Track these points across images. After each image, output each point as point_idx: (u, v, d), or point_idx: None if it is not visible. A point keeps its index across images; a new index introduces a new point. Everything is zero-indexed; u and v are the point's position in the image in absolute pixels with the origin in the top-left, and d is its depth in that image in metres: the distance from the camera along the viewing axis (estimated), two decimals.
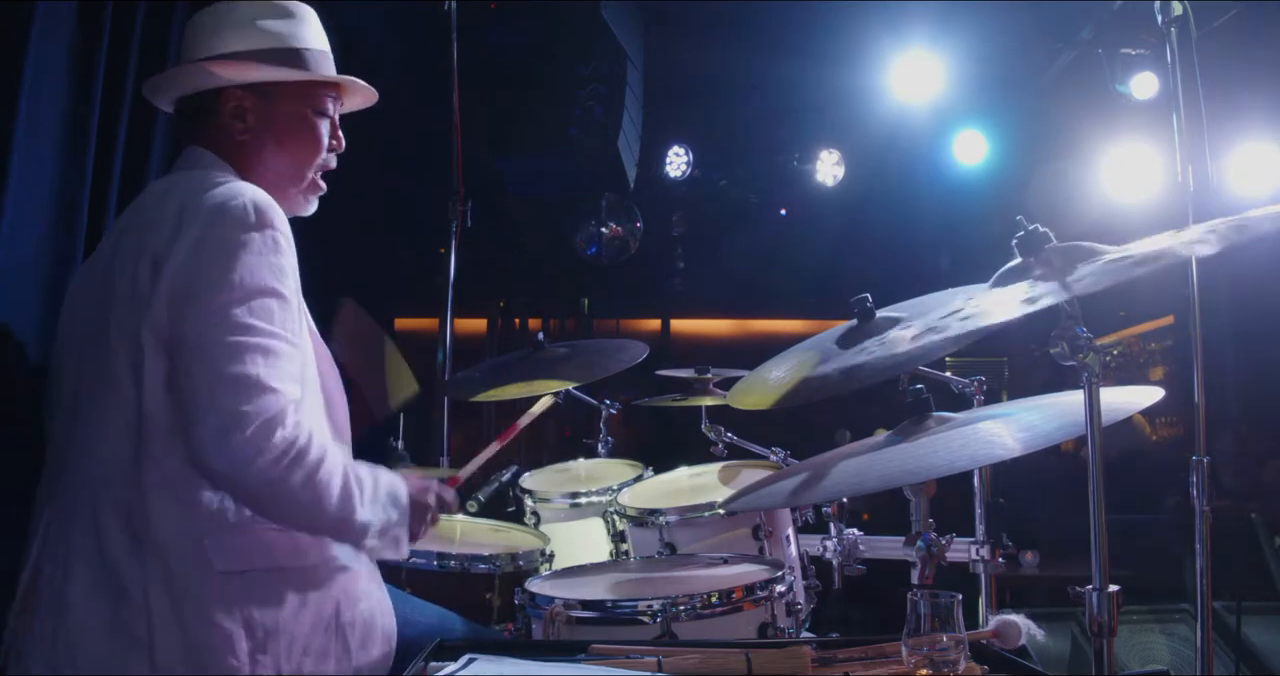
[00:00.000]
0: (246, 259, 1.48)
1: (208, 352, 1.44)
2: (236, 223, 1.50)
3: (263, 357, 1.45)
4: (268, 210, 1.54)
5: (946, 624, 1.26)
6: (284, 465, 1.43)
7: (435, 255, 3.24)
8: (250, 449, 1.40)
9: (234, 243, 1.49)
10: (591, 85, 4.60)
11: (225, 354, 1.43)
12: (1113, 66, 4.90)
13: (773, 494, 1.81)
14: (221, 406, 1.41)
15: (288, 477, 1.43)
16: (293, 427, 1.44)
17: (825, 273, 6.65)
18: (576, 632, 1.80)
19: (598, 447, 3.07)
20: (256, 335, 1.46)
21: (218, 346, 1.44)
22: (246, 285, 1.47)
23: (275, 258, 1.52)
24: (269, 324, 1.48)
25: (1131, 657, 3.46)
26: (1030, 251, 1.38)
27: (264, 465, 1.41)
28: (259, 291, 1.48)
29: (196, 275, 1.47)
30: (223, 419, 1.41)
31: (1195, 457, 2.06)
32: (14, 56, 2.07)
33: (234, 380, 1.42)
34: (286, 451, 1.43)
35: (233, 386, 1.42)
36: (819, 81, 5.34)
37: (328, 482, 1.47)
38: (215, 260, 1.48)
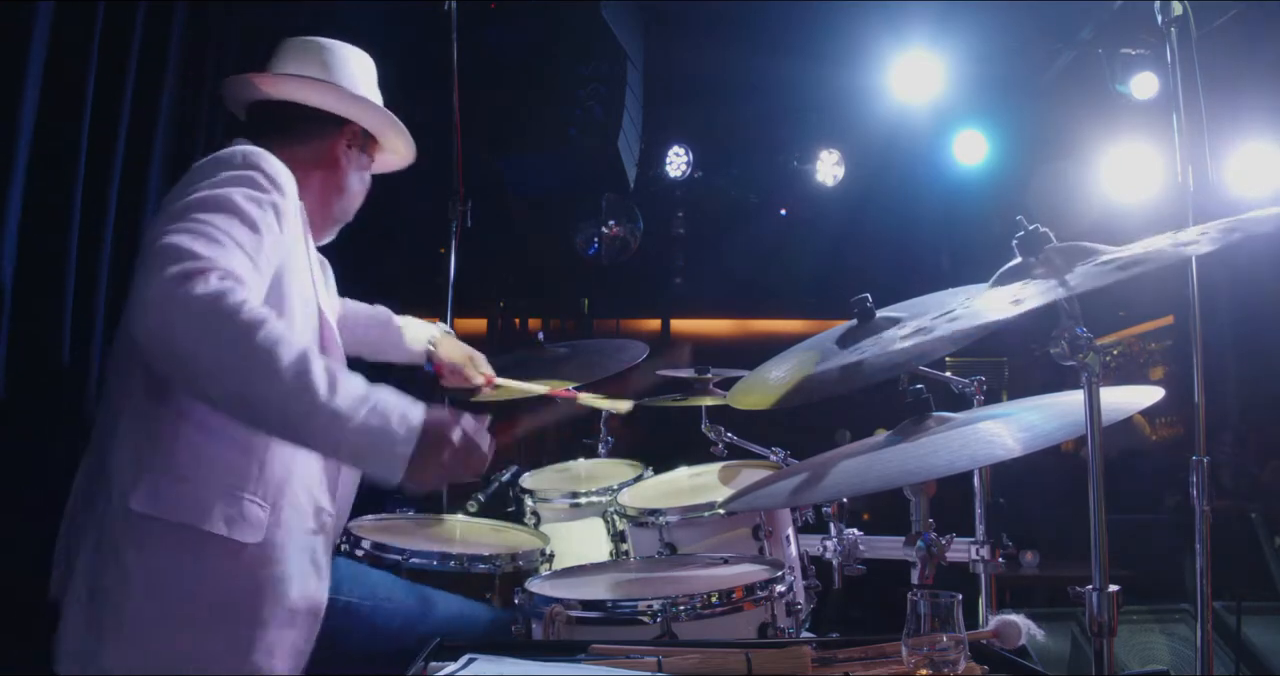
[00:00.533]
0: (217, 182, 1.48)
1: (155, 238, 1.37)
2: (223, 162, 1.54)
3: (203, 240, 1.36)
4: (258, 157, 1.56)
5: (946, 624, 1.26)
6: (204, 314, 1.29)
7: (435, 255, 3.24)
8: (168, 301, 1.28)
9: (212, 174, 1.51)
10: (591, 85, 4.60)
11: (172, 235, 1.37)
12: (1113, 66, 4.91)
13: (773, 494, 1.81)
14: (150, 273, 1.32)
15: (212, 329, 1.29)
16: (217, 286, 1.31)
17: (825, 273, 6.65)
18: (576, 632, 1.79)
19: (598, 447, 3.07)
20: (208, 229, 1.39)
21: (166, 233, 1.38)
22: (203, 196, 1.45)
23: (249, 189, 1.49)
24: (221, 224, 1.41)
25: (1131, 657, 3.46)
26: (1030, 251, 1.38)
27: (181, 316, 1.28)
28: (214, 201, 1.44)
29: (173, 196, 1.50)
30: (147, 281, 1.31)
31: (1195, 457, 2.06)
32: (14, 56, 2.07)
33: (165, 249, 1.34)
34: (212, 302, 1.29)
35: (164, 256, 1.33)
36: (819, 81, 5.34)
37: (270, 347, 1.30)
38: (190, 182, 1.51)
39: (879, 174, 6.24)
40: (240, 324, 1.30)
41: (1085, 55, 5.14)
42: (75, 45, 2.25)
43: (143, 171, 2.55)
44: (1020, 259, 1.39)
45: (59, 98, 2.20)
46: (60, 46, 2.19)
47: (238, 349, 1.29)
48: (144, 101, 2.52)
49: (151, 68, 2.56)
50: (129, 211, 2.47)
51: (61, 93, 2.21)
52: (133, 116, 2.48)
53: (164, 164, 2.64)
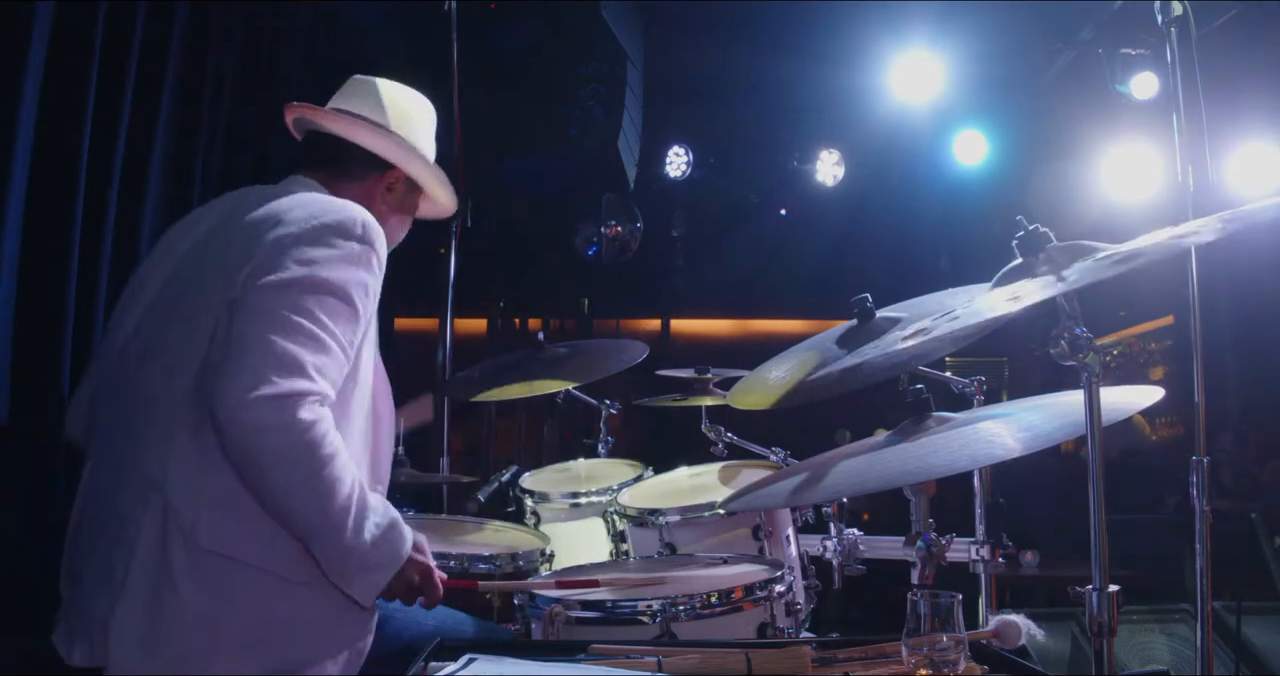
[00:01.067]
0: (337, 259, 1.54)
1: (264, 318, 1.46)
2: (344, 228, 1.58)
3: (314, 345, 1.46)
4: (376, 233, 1.63)
5: (946, 624, 1.26)
6: (295, 443, 1.40)
7: (435, 255, 3.24)
8: (269, 414, 1.39)
9: (332, 242, 1.55)
10: (591, 85, 4.60)
11: (280, 326, 1.45)
12: (1113, 66, 4.91)
13: (773, 494, 1.81)
14: (257, 368, 1.41)
15: (296, 457, 1.41)
16: (315, 414, 1.43)
17: (825, 273, 6.65)
18: (576, 632, 1.79)
19: (598, 447, 3.07)
20: (316, 324, 1.48)
21: (276, 318, 1.46)
22: (326, 280, 1.52)
23: (364, 273, 1.58)
24: (332, 323, 1.50)
25: (1131, 657, 3.46)
26: (1031, 251, 1.38)
27: (277, 435, 1.39)
28: (335, 291, 1.52)
29: (287, 252, 1.52)
30: (253, 379, 1.40)
31: (1195, 457, 2.06)
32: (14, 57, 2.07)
33: (278, 351, 1.43)
34: (305, 431, 1.41)
35: (275, 356, 1.43)
36: (819, 81, 5.35)
37: (335, 481, 1.44)
38: (309, 247, 1.53)
39: (879, 174, 6.24)
40: (318, 458, 1.43)
41: (1085, 55, 5.14)
42: (76, 45, 2.25)
43: (143, 171, 2.55)
44: (1021, 259, 1.39)
45: (59, 98, 2.20)
46: (61, 47, 2.19)
47: (308, 481, 1.43)
48: (144, 101, 2.53)
49: (151, 68, 2.56)
50: (129, 211, 2.47)
51: (62, 93, 2.21)
52: (133, 116, 2.48)
53: (164, 164, 2.64)
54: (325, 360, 1.47)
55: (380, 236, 1.63)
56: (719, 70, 5.41)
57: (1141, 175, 5.35)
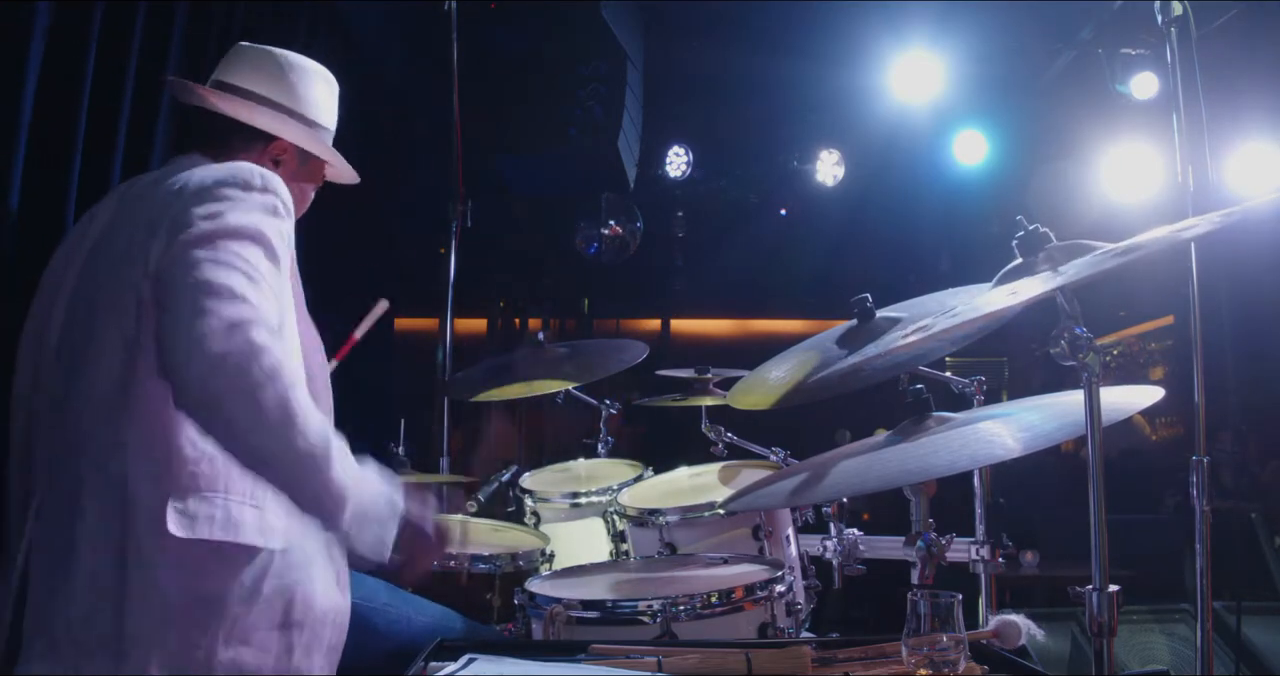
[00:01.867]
0: (243, 207, 1.50)
1: (188, 269, 1.41)
2: (242, 181, 1.53)
3: (243, 280, 1.42)
4: (275, 182, 1.58)
5: (946, 624, 1.26)
6: (254, 372, 1.34)
7: (435, 255, 3.24)
8: (219, 345, 1.33)
9: (235, 194, 1.51)
10: (591, 85, 4.61)
11: (207, 269, 1.41)
12: (1113, 66, 4.90)
13: (773, 494, 1.81)
14: (197, 306, 1.36)
15: (258, 388, 1.33)
16: (265, 340, 1.37)
17: (825, 273, 6.65)
18: (576, 632, 1.80)
19: (598, 447, 3.07)
20: (243, 263, 1.44)
21: (200, 265, 1.41)
22: (239, 226, 1.47)
23: (275, 220, 1.53)
24: (256, 264, 1.46)
25: (1131, 657, 3.46)
26: (1030, 251, 1.38)
27: (232, 368, 1.33)
28: (249, 234, 1.47)
29: (190, 212, 1.48)
30: (194, 317, 1.35)
31: (1195, 457, 2.06)
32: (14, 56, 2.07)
33: (212, 287, 1.39)
34: (257, 357, 1.34)
35: (210, 292, 1.38)
36: (819, 81, 5.35)
37: (304, 412, 1.37)
38: (214, 202, 1.49)
39: (879, 174, 6.24)
40: (283, 383, 1.35)
41: (1085, 55, 5.14)
42: (75, 45, 2.25)
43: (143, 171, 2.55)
44: (1021, 259, 1.39)
45: (58, 97, 2.20)
46: (60, 46, 2.19)
47: (279, 410, 1.35)
48: (144, 101, 2.52)
49: (151, 67, 2.56)
50: None
51: (61, 92, 2.21)
52: (132, 116, 2.48)
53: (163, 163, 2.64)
54: (258, 293, 1.42)
55: (278, 182, 1.58)
56: (719, 70, 5.41)
57: (1141, 175, 5.35)
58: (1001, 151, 5.98)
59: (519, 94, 4.66)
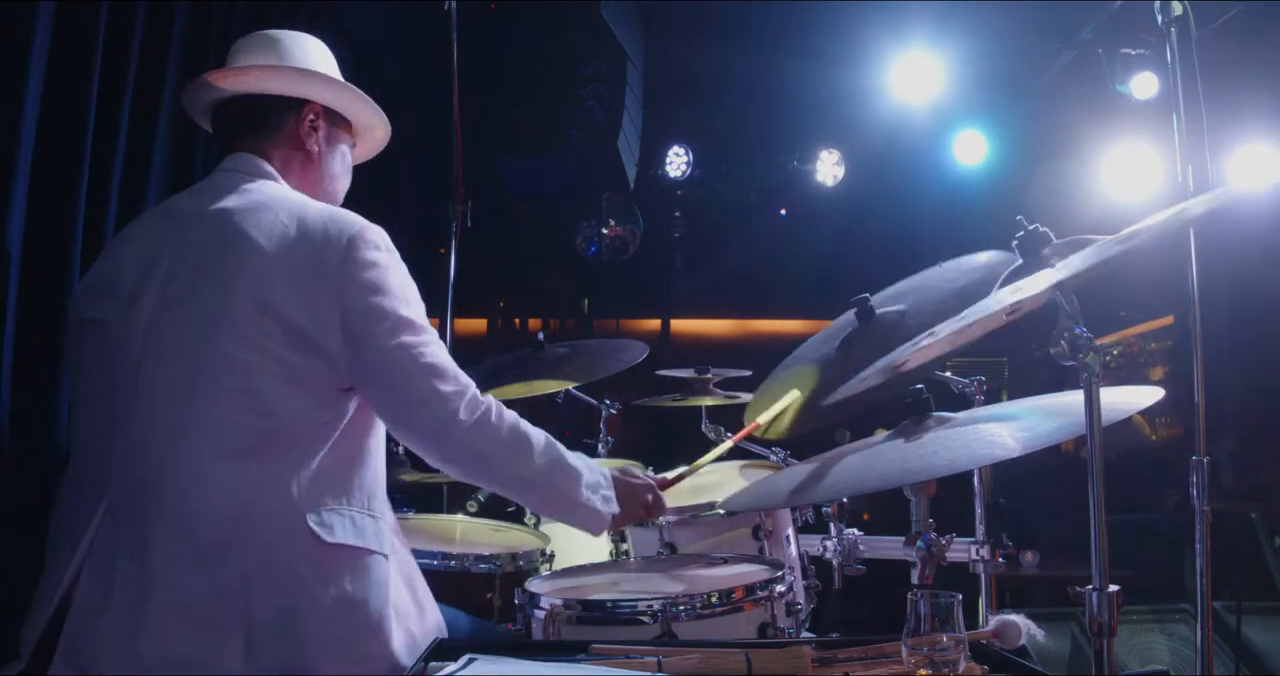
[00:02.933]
0: (398, 273, 1.67)
1: (410, 354, 1.60)
2: (376, 246, 1.66)
3: (438, 347, 1.65)
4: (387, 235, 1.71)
5: (946, 624, 1.26)
6: (493, 420, 1.63)
7: (435, 255, 3.24)
8: (466, 416, 1.60)
9: (383, 262, 1.65)
10: (591, 85, 4.61)
11: (414, 350, 1.61)
12: (1113, 66, 4.90)
13: (773, 494, 1.81)
14: (433, 394, 1.60)
15: (500, 429, 1.64)
16: (480, 394, 1.65)
17: (825, 273, 6.64)
18: (576, 632, 1.80)
19: (598, 447, 3.07)
20: (427, 333, 1.65)
21: (414, 347, 1.61)
22: (407, 295, 1.66)
23: (406, 274, 1.70)
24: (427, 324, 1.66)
25: (1131, 657, 3.46)
26: (1030, 251, 1.38)
27: (478, 427, 1.61)
28: (414, 300, 1.67)
29: (367, 297, 1.60)
30: (439, 404, 1.60)
31: (1195, 457, 2.06)
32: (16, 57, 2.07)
33: (430, 369, 1.61)
34: (490, 410, 1.63)
35: (432, 375, 1.60)
36: (819, 81, 5.34)
37: (529, 431, 1.68)
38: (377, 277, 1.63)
39: (879, 174, 6.23)
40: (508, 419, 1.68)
41: (1085, 55, 5.14)
42: (77, 45, 2.24)
43: (143, 171, 2.55)
44: (1023, 261, 1.39)
45: (61, 99, 2.20)
46: (62, 47, 2.19)
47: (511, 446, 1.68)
48: (144, 101, 2.52)
49: (152, 68, 2.55)
50: (129, 211, 2.47)
51: (63, 94, 2.21)
52: (133, 116, 2.48)
53: (164, 164, 2.64)
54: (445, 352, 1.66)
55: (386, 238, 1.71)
56: (719, 70, 5.41)
57: (1141, 175, 5.34)
58: (1001, 151, 5.98)
59: (519, 94, 4.66)
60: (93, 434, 1.60)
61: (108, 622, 1.46)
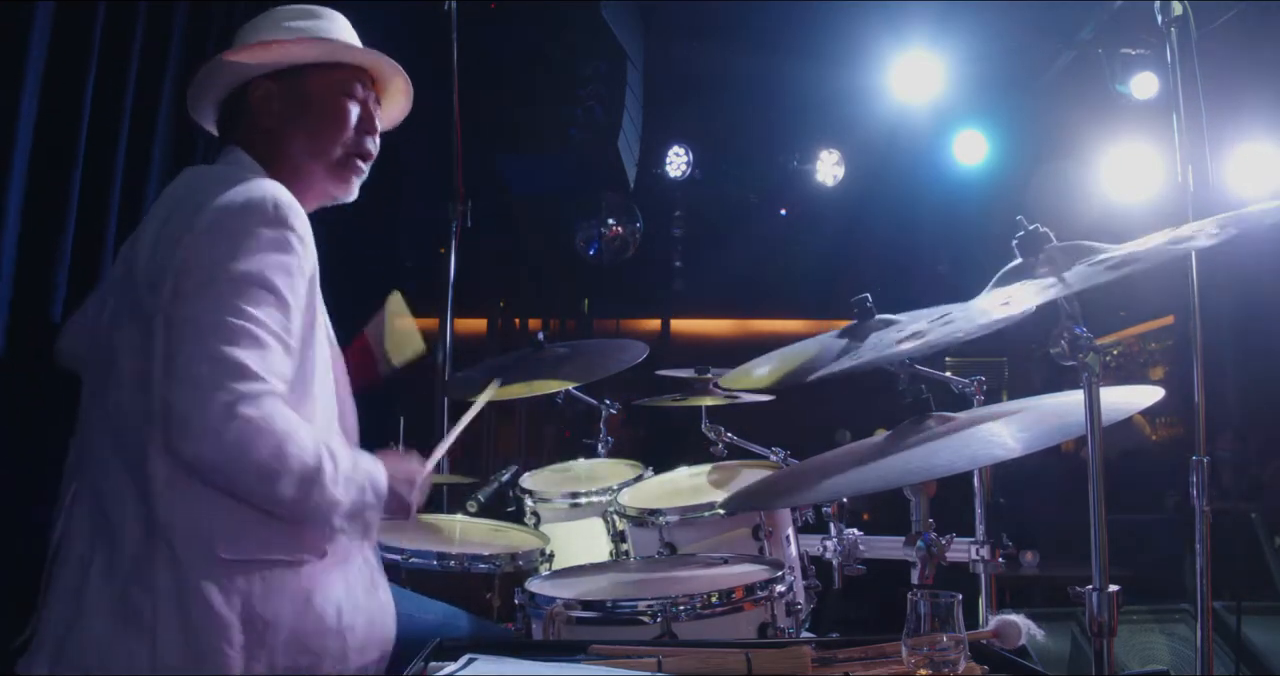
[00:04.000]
0: (254, 250, 1.48)
1: (200, 327, 1.43)
2: (254, 214, 1.51)
3: (252, 344, 1.44)
4: (288, 210, 1.54)
5: (946, 624, 1.26)
6: (249, 442, 1.39)
7: (435, 255, 3.23)
8: (219, 424, 1.38)
9: (245, 233, 1.49)
10: (591, 85, 4.61)
11: (217, 331, 1.42)
12: (1113, 66, 4.91)
13: (773, 494, 1.81)
14: (199, 381, 1.40)
15: (249, 452, 1.40)
16: (262, 410, 1.41)
17: (825, 273, 6.66)
18: (576, 632, 1.79)
19: (598, 447, 3.06)
20: (248, 321, 1.44)
21: (210, 323, 1.43)
22: (246, 273, 1.47)
23: (284, 257, 1.51)
24: (264, 316, 1.46)
25: (1131, 657, 3.46)
26: (1030, 252, 1.38)
27: (231, 441, 1.39)
28: (257, 282, 1.47)
29: (202, 255, 1.47)
30: (195, 394, 1.39)
31: (1195, 457, 2.06)
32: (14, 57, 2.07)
33: (221, 357, 1.41)
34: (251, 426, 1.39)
35: (219, 362, 1.40)
36: (819, 81, 5.35)
37: (291, 465, 1.44)
38: (224, 244, 1.48)
39: (879, 174, 6.24)
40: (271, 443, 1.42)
41: (1085, 55, 5.14)
42: (75, 46, 2.25)
43: (144, 171, 2.55)
44: (1020, 260, 1.39)
45: (59, 99, 2.20)
46: (60, 47, 2.19)
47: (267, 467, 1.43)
48: (144, 101, 2.52)
49: (151, 68, 2.56)
50: (130, 211, 2.47)
51: (62, 94, 2.21)
52: (133, 116, 2.48)
53: (164, 164, 2.64)
54: (267, 355, 1.45)
55: (294, 211, 1.55)
56: (719, 70, 5.41)
57: (1141, 175, 5.35)
58: (1001, 151, 5.99)
59: (519, 94, 4.66)
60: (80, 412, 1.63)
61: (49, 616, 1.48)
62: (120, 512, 1.48)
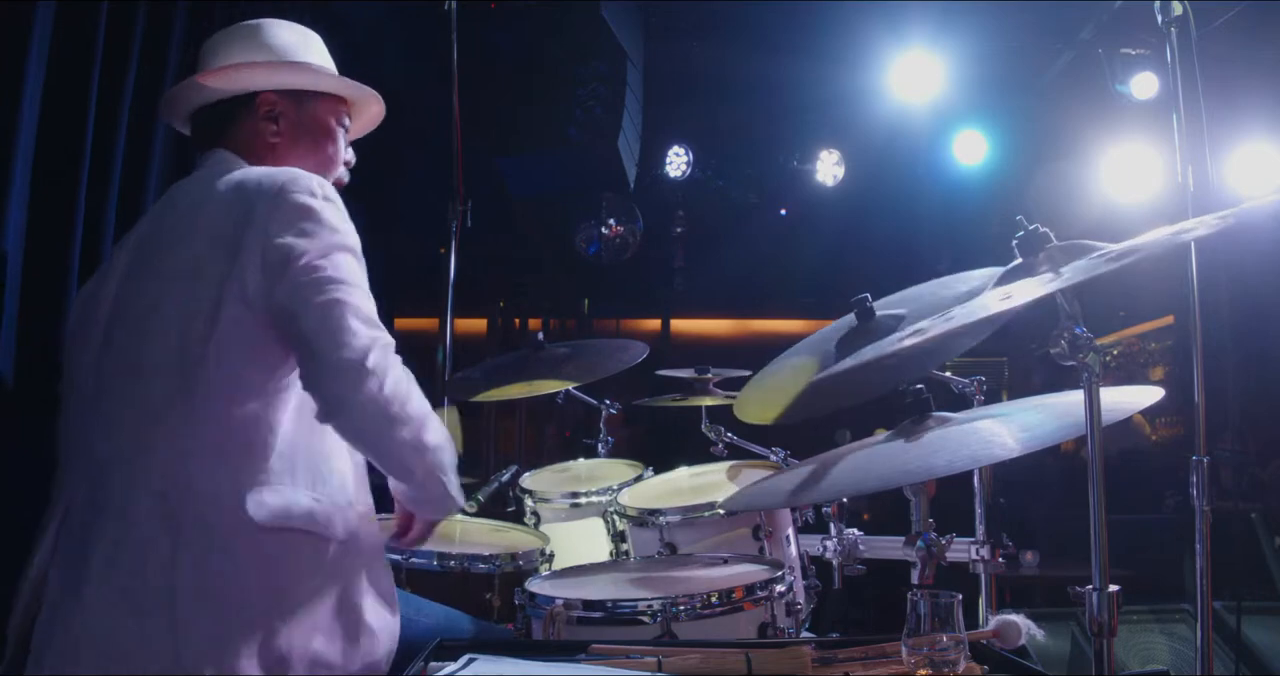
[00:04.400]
0: (327, 219, 1.56)
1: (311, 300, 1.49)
2: (310, 191, 1.57)
3: (362, 297, 1.54)
4: (330, 187, 1.62)
5: (946, 624, 1.26)
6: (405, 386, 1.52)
7: (435, 255, 3.23)
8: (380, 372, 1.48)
9: (312, 207, 1.56)
10: (591, 85, 4.60)
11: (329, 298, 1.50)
12: (1113, 66, 4.91)
13: (773, 494, 1.81)
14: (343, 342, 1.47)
15: (410, 397, 1.52)
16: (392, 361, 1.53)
17: (825, 273, 6.65)
18: (576, 632, 1.80)
19: (598, 447, 3.07)
20: (349, 283, 1.53)
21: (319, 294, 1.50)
22: (333, 242, 1.55)
23: (347, 225, 1.60)
24: (362, 281, 1.56)
25: (1131, 657, 3.46)
26: (1030, 251, 1.38)
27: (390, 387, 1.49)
28: (343, 248, 1.56)
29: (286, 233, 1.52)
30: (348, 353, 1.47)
31: (1195, 457, 2.06)
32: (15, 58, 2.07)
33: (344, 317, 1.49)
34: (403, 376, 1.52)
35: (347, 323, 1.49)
36: (819, 81, 5.34)
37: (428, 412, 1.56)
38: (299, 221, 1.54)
39: (879, 174, 6.24)
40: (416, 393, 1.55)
41: (1085, 55, 5.14)
42: (77, 46, 2.25)
43: (143, 171, 2.55)
44: (1021, 259, 1.39)
45: (61, 99, 2.20)
46: (62, 47, 2.19)
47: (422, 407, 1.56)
48: (144, 102, 2.52)
49: (152, 68, 2.56)
50: (129, 212, 2.47)
51: (63, 94, 2.21)
52: (133, 117, 2.48)
53: (164, 164, 2.64)
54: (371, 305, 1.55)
55: (331, 187, 1.62)
56: (719, 70, 5.41)
57: (1141, 175, 5.35)
58: (1001, 151, 5.98)
59: (519, 94, 4.65)
60: (67, 420, 1.63)
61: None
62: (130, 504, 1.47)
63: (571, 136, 4.63)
